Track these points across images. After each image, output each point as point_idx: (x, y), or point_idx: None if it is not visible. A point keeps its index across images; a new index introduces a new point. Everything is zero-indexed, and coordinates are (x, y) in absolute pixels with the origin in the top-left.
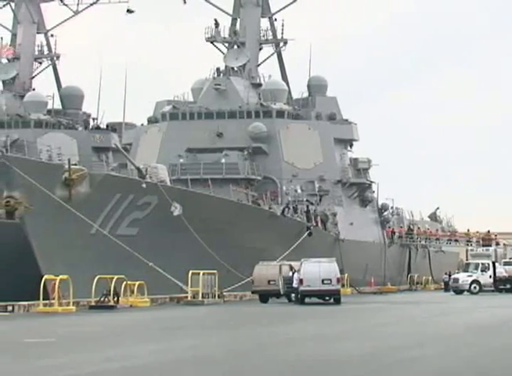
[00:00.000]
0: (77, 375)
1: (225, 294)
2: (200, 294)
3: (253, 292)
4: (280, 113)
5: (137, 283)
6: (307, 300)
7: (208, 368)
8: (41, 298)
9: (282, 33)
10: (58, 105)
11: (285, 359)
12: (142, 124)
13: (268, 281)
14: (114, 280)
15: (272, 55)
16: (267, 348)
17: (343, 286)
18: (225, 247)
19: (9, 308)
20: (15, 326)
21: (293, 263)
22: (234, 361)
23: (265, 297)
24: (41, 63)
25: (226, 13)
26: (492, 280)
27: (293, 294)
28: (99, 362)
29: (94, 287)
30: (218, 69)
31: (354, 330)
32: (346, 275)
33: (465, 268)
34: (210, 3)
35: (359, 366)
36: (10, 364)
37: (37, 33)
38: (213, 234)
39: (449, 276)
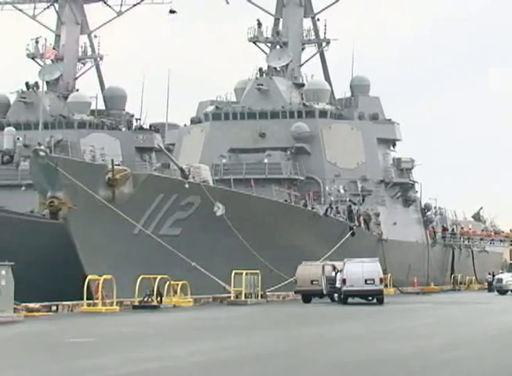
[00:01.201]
0: (120, 375)
1: (267, 294)
2: (243, 294)
3: (296, 292)
4: (323, 113)
5: (180, 283)
6: (350, 300)
7: (250, 368)
8: (85, 298)
9: (324, 33)
10: (101, 105)
11: (327, 359)
12: (185, 125)
13: (311, 281)
14: (158, 280)
15: (314, 55)
16: (309, 349)
17: (386, 286)
18: (267, 247)
19: (53, 308)
20: (58, 326)
21: (336, 263)
22: (276, 361)
23: (307, 297)
24: (84, 63)
25: (269, 13)
26: None
27: (336, 294)
28: (140, 362)
29: (137, 287)
30: (260, 69)
31: (396, 331)
32: (389, 275)
33: (509, 268)
34: (253, 3)
35: (400, 366)
36: (53, 364)
37: (81, 34)
38: (256, 234)
39: (493, 276)
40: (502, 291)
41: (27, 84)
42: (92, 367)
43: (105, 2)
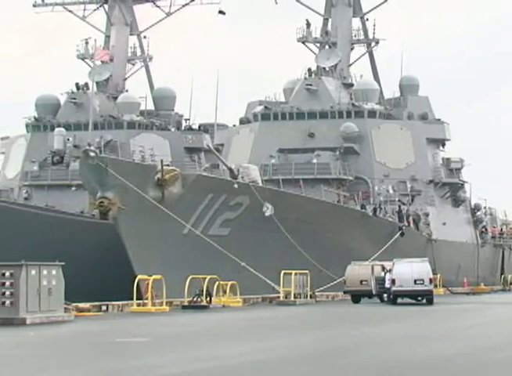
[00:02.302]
0: (169, 375)
1: (317, 294)
2: (292, 295)
3: (345, 292)
4: (372, 113)
5: (229, 283)
6: (399, 300)
7: (299, 368)
8: (135, 297)
9: (373, 32)
10: (151, 106)
11: (377, 359)
12: (234, 125)
13: (361, 281)
14: (207, 280)
15: (363, 55)
16: (358, 349)
17: (435, 286)
18: (316, 248)
19: (103, 307)
20: (109, 325)
21: (385, 263)
22: (326, 361)
23: (357, 297)
24: (133, 64)
25: (318, 13)
26: None
27: (385, 295)
28: (191, 361)
29: (187, 287)
30: (309, 69)
31: (445, 331)
32: (438, 275)
33: None
34: (302, 4)
35: (449, 366)
36: (104, 364)
37: (130, 35)
38: (305, 234)
39: None
40: None
41: (77, 85)
42: (143, 367)
43: (154, 3)
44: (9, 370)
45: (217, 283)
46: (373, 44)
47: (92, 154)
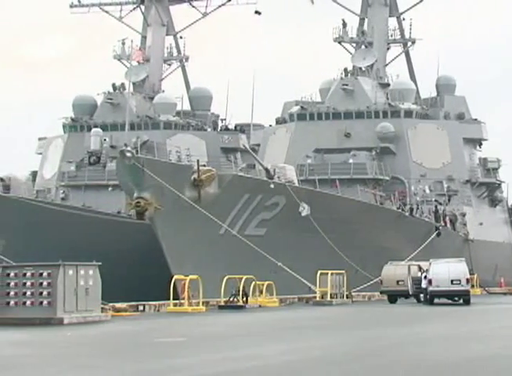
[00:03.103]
0: (207, 375)
1: (353, 294)
2: (329, 295)
3: (381, 292)
4: (408, 113)
5: (266, 283)
6: (436, 300)
7: (334, 369)
8: (171, 297)
9: (410, 32)
10: (187, 106)
11: (412, 359)
12: (270, 125)
13: (397, 281)
14: (243, 280)
15: (399, 54)
16: (394, 349)
17: (472, 286)
18: (353, 248)
19: (140, 308)
20: (146, 325)
21: (421, 263)
22: (363, 361)
23: (393, 297)
24: (170, 64)
25: (354, 13)
26: None
27: (421, 295)
28: (226, 362)
29: (223, 287)
30: (345, 69)
31: (483, 331)
32: (475, 275)
33: None
34: (338, 3)
35: (487, 366)
36: (139, 364)
37: (167, 35)
38: (341, 234)
39: None
40: None
41: (113, 85)
42: (179, 367)
43: (190, 4)
44: (46, 370)
45: (253, 283)
46: (409, 43)
47: (129, 155)
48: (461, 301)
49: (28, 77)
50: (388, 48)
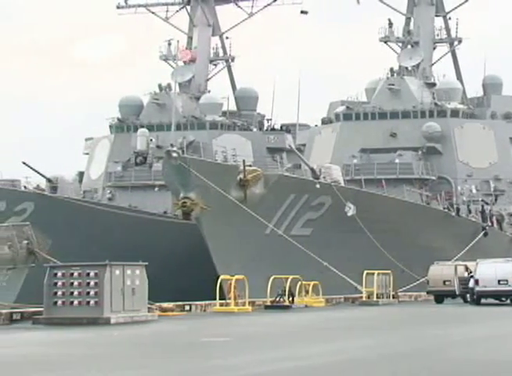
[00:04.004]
0: (252, 374)
1: (399, 294)
2: (375, 295)
3: (428, 293)
4: (455, 113)
5: (312, 283)
6: (482, 301)
7: (381, 369)
8: (218, 297)
9: (456, 31)
10: (233, 106)
11: (459, 360)
12: (316, 125)
13: (444, 282)
14: (289, 280)
15: (446, 54)
16: (440, 349)
17: None
18: (399, 248)
19: (187, 307)
20: (192, 325)
21: (468, 263)
22: (407, 361)
23: (440, 297)
24: (216, 65)
25: (400, 13)
26: None
27: (468, 295)
28: (273, 361)
29: (269, 287)
30: (391, 69)
31: None
32: None
33: None
34: (384, 3)
35: None
36: (184, 363)
37: (213, 35)
38: (387, 234)
39: None
40: None
41: (159, 85)
42: (224, 367)
43: (236, 4)
44: (92, 370)
45: (299, 283)
46: (455, 43)
47: (175, 155)
48: (508, 301)
49: (76, 78)
50: (434, 48)
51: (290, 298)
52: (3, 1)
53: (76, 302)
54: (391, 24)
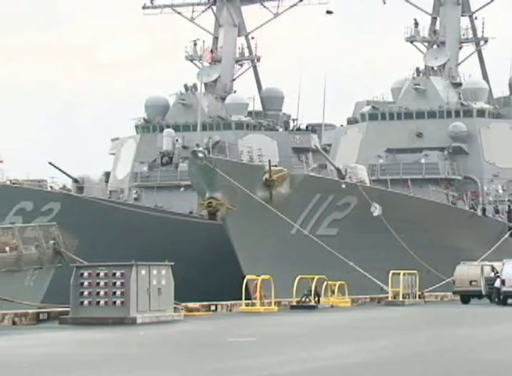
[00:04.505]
0: (277, 374)
1: (425, 294)
2: (401, 295)
3: (454, 293)
4: (481, 113)
5: (338, 283)
6: (509, 301)
7: (407, 369)
8: (243, 297)
9: (482, 31)
10: (258, 106)
11: (484, 360)
12: (342, 125)
13: (470, 282)
14: (315, 280)
15: (472, 54)
16: (466, 349)
17: None
18: (425, 248)
19: (212, 307)
20: (218, 325)
21: (494, 264)
22: (433, 361)
23: (466, 297)
24: (241, 65)
25: (426, 13)
26: None
27: (494, 295)
28: (298, 362)
29: (295, 287)
30: (417, 69)
31: None
32: None
33: None
34: (410, 3)
35: None
36: (210, 363)
37: (238, 36)
38: (413, 234)
39: None
40: None
41: (185, 86)
42: (251, 367)
43: (262, 4)
44: (117, 369)
45: (325, 283)
46: (481, 42)
47: (201, 155)
48: None
49: (102, 78)
50: (460, 48)
51: (316, 298)
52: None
53: (102, 302)
54: (416, 24)
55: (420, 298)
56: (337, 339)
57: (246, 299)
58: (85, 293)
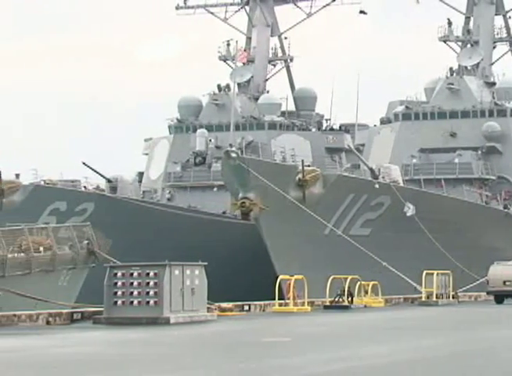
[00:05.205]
0: (311, 375)
1: (459, 294)
2: (434, 295)
3: (488, 293)
4: None
5: (371, 283)
6: None
7: (440, 369)
8: (277, 297)
9: None
10: (291, 106)
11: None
12: (375, 125)
13: (504, 282)
14: (348, 280)
15: (506, 53)
16: (501, 350)
17: None
18: (458, 248)
19: (246, 307)
20: (251, 325)
21: None
22: (467, 362)
23: (500, 297)
24: (274, 65)
25: (459, 12)
26: None
27: None
28: (331, 361)
29: (328, 287)
30: (451, 68)
31: None
32: None
33: None
34: (444, 2)
35: None
36: (246, 363)
37: (271, 36)
38: (446, 234)
39: None
40: None
41: (218, 86)
42: (285, 367)
43: (295, 4)
44: (151, 369)
45: (358, 283)
46: None
47: (234, 155)
48: None
49: (135, 79)
50: (494, 47)
51: (349, 298)
52: (67, 5)
53: (135, 302)
54: (450, 23)
55: (453, 298)
56: (375, 338)
57: (279, 299)
58: (119, 293)
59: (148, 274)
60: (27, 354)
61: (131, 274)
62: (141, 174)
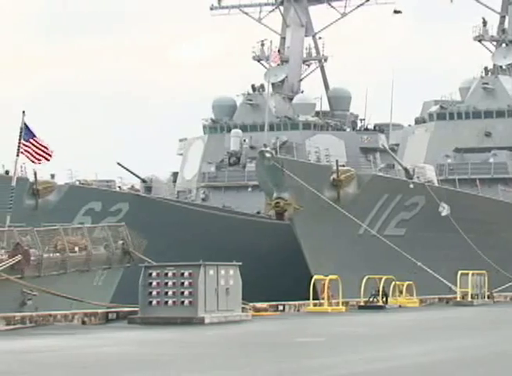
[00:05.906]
0: (347, 374)
1: (494, 294)
2: (470, 295)
3: None
4: None
5: (406, 283)
6: None
7: (475, 370)
8: (311, 297)
9: None
10: (326, 106)
11: None
12: (410, 125)
13: None
14: (383, 280)
15: None
16: None
17: None
18: (493, 248)
19: (280, 307)
20: (286, 325)
21: None
22: (502, 363)
23: None
24: (308, 65)
25: (494, 11)
26: None
27: None
28: (366, 362)
29: (363, 287)
30: (485, 68)
31: None
32: None
33: None
34: (479, 1)
35: None
36: (281, 363)
37: (305, 36)
38: (481, 234)
39: None
40: None
41: (253, 86)
42: (318, 367)
43: (329, 4)
44: (185, 369)
45: (393, 283)
46: None
47: (268, 155)
48: None
49: (170, 79)
50: None
51: (384, 299)
52: (102, 6)
53: (170, 302)
54: (485, 23)
55: (488, 298)
56: (406, 339)
57: (313, 299)
58: (154, 293)
59: (183, 274)
60: (62, 354)
61: (166, 274)
62: (175, 174)
